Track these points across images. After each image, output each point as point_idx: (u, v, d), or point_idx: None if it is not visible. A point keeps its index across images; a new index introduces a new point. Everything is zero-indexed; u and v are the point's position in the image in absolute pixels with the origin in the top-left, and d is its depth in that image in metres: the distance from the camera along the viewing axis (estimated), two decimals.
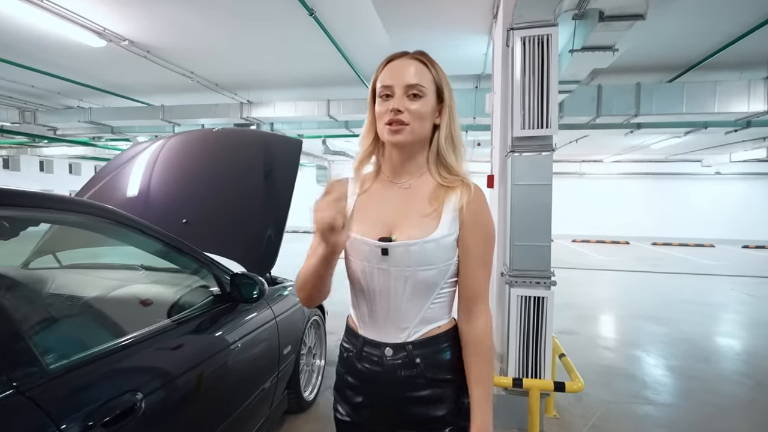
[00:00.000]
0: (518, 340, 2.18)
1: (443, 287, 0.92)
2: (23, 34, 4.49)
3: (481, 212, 0.91)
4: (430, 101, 0.91)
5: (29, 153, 12.26)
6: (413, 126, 0.89)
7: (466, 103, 5.60)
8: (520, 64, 2.16)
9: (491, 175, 2.95)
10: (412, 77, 0.89)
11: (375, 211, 0.96)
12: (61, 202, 1.36)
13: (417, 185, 0.95)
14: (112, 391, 1.09)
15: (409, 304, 0.92)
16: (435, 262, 0.89)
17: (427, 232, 0.88)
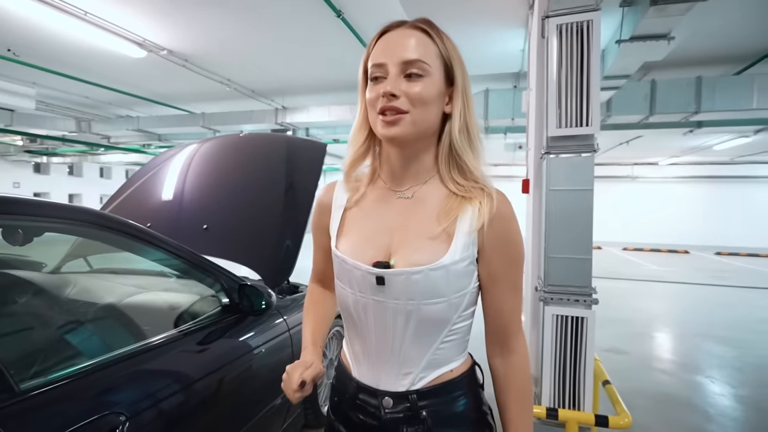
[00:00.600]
0: (553, 364, 1.93)
1: (456, 323, 0.73)
2: (74, 49, 4.76)
3: (509, 230, 0.71)
4: (436, 82, 0.70)
5: (90, 160, 13.21)
6: (414, 114, 0.69)
7: (504, 103, 5.32)
8: (557, 55, 1.93)
9: (526, 179, 2.71)
10: (411, 51, 0.68)
11: (369, 228, 0.76)
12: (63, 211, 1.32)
13: (423, 194, 0.75)
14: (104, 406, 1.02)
15: (413, 344, 0.73)
16: (444, 293, 0.70)
17: (435, 256, 0.68)
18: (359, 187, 0.80)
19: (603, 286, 7.14)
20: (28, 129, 7.83)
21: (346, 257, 0.75)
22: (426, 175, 0.76)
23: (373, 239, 0.74)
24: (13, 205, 1.17)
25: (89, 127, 7.98)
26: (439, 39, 0.72)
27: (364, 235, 0.76)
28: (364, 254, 0.74)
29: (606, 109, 4.88)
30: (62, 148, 11.27)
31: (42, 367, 1.08)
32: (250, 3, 3.68)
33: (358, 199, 0.80)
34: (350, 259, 0.75)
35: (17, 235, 1.64)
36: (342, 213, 0.81)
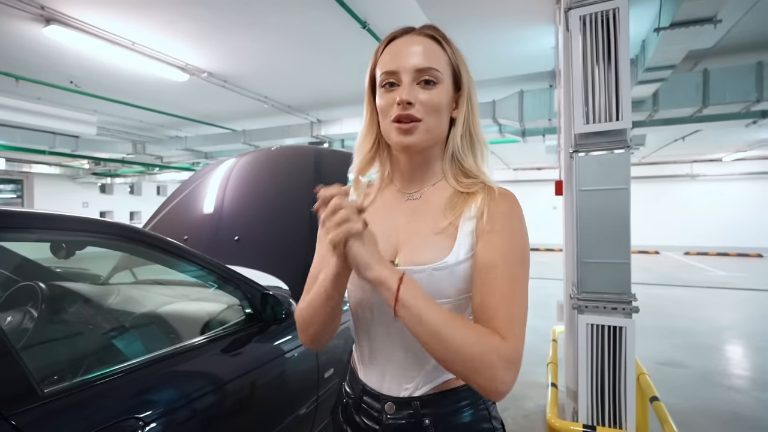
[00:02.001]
0: (589, 378, 1.79)
1: None
2: (126, 77, 5.16)
3: (508, 220, 0.69)
4: (447, 89, 0.72)
5: (147, 179, 14.22)
6: (428, 122, 0.70)
7: (540, 104, 5.12)
8: (581, 48, 1.82)
9: (559, 180, 2.57)
10: (424, 59, 0.70)
11: (378, 229, 0.74)
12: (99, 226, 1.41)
13: (430, 194, 0.76)
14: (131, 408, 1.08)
15: (417, 347, 0.69)
16: (449, 294, 0.68)
17: (439, 255, 0.68)
18: (370, 193, 0.82)
19: (661, 294, 6.64)
20: (92, 153, 8.57)
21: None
22: (434, 178, 0.78)
23: (380, 239, 0.73)
24: (59, 221, 1.28)
25: (144, 148, 8.59)
26: (447, 45, 0.73)
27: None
28: None
29: (652, 103, 4.56)
30: (122, 170, 12.22)
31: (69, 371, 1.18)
32: (281, 24, 3.82)
33: (370, 204, 0.81)
34: None
35: (62, 249, 1.78)
36: None
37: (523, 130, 6.18)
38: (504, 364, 0.60)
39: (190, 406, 1.24)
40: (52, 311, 1.68)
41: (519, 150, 9.55)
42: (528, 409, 2.86)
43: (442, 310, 0.62)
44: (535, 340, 4.30)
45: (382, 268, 0.62)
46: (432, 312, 0.60)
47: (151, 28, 3.90)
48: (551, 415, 1.70)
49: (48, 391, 0.98)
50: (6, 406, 0.89)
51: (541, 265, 10.58)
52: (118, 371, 1.16)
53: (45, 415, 0.95)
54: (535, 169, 15.14)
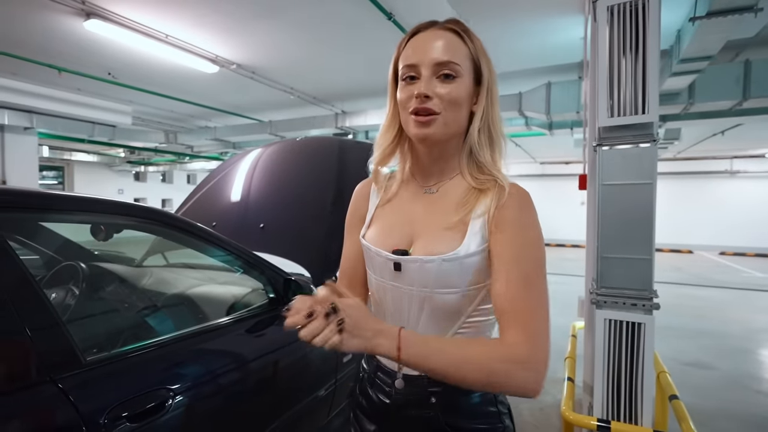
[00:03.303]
0: (606, 373, 1.78)
1: (472, 315, 0.74)
2: (160, 69, 5.35)
3: (520, 215, 0.70)
4: (466, 83, 0.72)
5: (178, 168, 14.70)
6: (446, 116, 0.71)
7: (568, 96, 4.99)
8: (608, 39, 1.79)
9: (583, 174, 2.53)
10: (443, 53, 0.70)
11: (395, 219, 0.80)
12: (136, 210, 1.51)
13: (447, 189, 0.78)
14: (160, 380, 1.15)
15: (427, 329, 0.75)
16: (457, 284, 0.71)
17: (449, 247, 0.71)
18: (392, 185, 0.85)
19: (692, 294, 6.42)
20: (127, 142, 8.93)
21: (369, 244, 0.80)
22: (452, 172, 0.79)
23: (396, 229, 0.79)
24: (99, 205, 1.38)
25: (176, 138, 8.89)
26: (469, 39, 0.73)
27: (389, 225, 0.81)
28: (386, 242, 0.78)
29: (688, 95, 4.37)
30: (155, 158, 12.68)
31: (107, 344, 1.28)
32: (308, 16, 3.87)
33: (390, 197, 0.84)
34: (373, 246, 0.80)
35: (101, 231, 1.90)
36: (375, 209, 0.85)
37: (550, 122, 6.04)
38: (522, 367, 0.61)
39: (215, 381, 1.32)
40: (91, 289, 1.81)
41: (546, 143, 9.33)
42: (545, 403, 2.86)
43: (445, 351, 0.63)
44: (556, 336, 4.23)
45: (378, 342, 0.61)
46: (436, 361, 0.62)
47: (183, 22, 4.02)
48: (566, 408, 1.70)
49: (89, 360, 1.07)
50: (54, 371, 0.98)
51: (567, 262, 10.37)
52: (150, 345, 1.25)
53: (86, 381, 1.04)
54: (563, 163, 14.76)
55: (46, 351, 0.99)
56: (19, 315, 0.98)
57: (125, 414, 1.03)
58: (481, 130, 0.75)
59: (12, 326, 0.96)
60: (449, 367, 0.62)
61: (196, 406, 1.21)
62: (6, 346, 0.95)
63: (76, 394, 0.98)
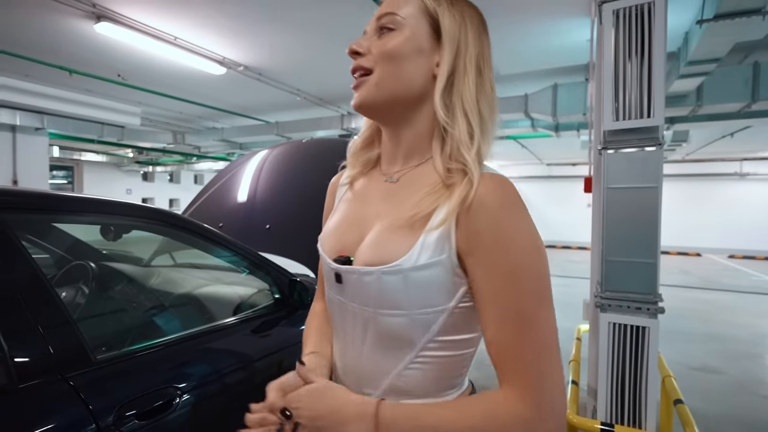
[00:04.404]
0: (609, 377, 1.78)
1: (427, 348, 0.56)
2: (169, 71, 5.40)
3: (499, 227, 0.51)
4: (410, 36, 0.58)
5: (186, 168, 14.82)
6: (380, 73, 0.58)
7: (574, 98, 4.98)
8: (613, 42, 1.79)
9: (589, 177, 2.53)
10: (383, 6, 0.61)
11: (347, 216, 0.66)
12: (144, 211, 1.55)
13: (409, 179, 0.61)
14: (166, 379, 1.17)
15: (372, 359, 0.60)
16: (402, 305, 0.54)
17: (393, 255, 0.54)
18: (362, 171, 0.70)
19: (699, 298, 6.37)
20: (136, 143, 9.03)
21: (319, 247, 0.67)
22: (421, 156, 0.62)
23: (344, 229, 0.65)
24: (107, 206, 1.42)
25: (183, 139, 8.97)
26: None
27: (338, 224, 0.67)
28: (332, 245, 0.64)
29: (696, 98, 4.34)
30: (163, 159, 12.80)
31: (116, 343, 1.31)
32: (313, 19, 3.90)
33: (353, 184, 0.70)
34: (321, 249, 0.67)
35: (110, 231, 1.94)
36: (338, 203, 0.72)
37: (556, 124, 6.03)
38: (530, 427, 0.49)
39: (221, 380, 1.34)
40: (101, 289, 1.85)
41: (552, 145, 9.30)
42: None
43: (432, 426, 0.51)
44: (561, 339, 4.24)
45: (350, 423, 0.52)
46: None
47: (192, 24, 4.07)
48: (570, 412, 1.71)
49: (99, 358, 1.10)
50: (65, 369, 1.01)
51: (573, 264, 10.32)
52: (158, 344, 1.28)
53: (97, 379, 1.06)
54: (569, 164, 14.69)
55: (57, 349, 1.02)
56: (32, 313, 1.00)
57: (134, 412, 1.05)
58: (448, 98, 0.58)
59: (25, 324, 0.99)
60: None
61: (202, 404, 1.23)
62: (20, 344, 0.98)
63: (87, 392, 1.00)
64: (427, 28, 0.59)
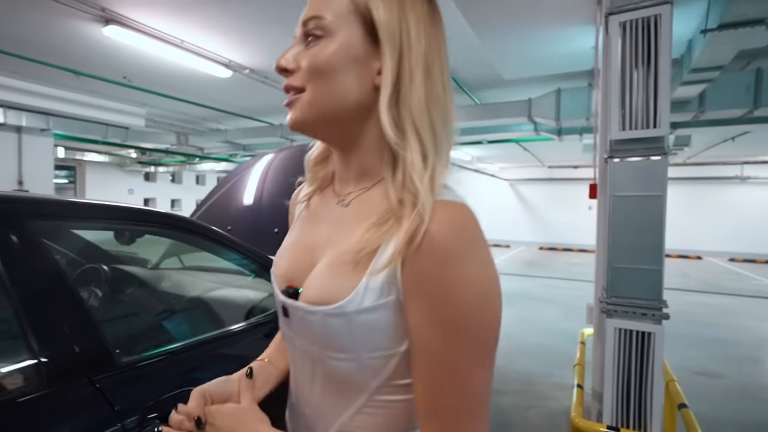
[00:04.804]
0: (615, 381, 1.82)
1: (380, 392, 0.51)
2: (175, 73, 5.44)
3: (441, 270, 0.44)
4: (342, 42, 0.49)
5: (188, 169, 14.87)
6: (312, 92, 0.50)
7: (578, 103, 5.02)
8: (620, 54, 1.82)
9: (593, 183, 2.56)
10: (308, 8, 0.52)
11: (301, 239, 0.61)
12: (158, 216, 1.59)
13: (361, 203, 0.55)
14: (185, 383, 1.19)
15: (322, 402, 0.55)
16: (349, 348, 0.49)
17: (336, 295, 0.48)
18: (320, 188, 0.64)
19: (700, 302, 6.40)
20: (139, 143, 9.07)
21: (272, 271, 0.62)
22: (371, 178, 0.54)
23: (295, 255, 0.59)
24: (122, 212, 1.46)
25: (186, 140, 9.02)
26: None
27: (291, 246, 0.62)
28: (282, 273, 0.59)
29: (698, 104, 4.38)
30: (166, 159, 12.83)
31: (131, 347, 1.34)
32: None
33: (309, 202, 0.65)
34: (272, 274, 0.62)
35: (125, 236, 1.97)
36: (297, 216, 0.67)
37: (559, 128, 6.06)
38: None
39: None
40: (113, 291, 1.88)
41: (554, 147, 9.34)
42: (553, 409, 2.89)
43: None
44: (563, 342, 4.28)
45: None
46: None
47: (199, 27, 4.11)
48: (575, 415, 1.74)
49: (123, 362, 1.13)
50: (92, 372, 1.04)
51: (574, 266, 10.36)
52: (175, 349, 1.31)
53: (121, 382, 1.10)
54: (571, 167, 14.74)
55: (83, 352, 1.06)
56: (61, 316, 1.04)
57: (156, 414, 1.08)
58: (395, 112, 0.49)
59: (56, 327, 1.02)
60: None
61: None
62: (50, 346, 1.01)
63: (112, 395, 1.04)
64: (360, 30, 0.50)
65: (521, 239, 15.99)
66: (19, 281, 1.02)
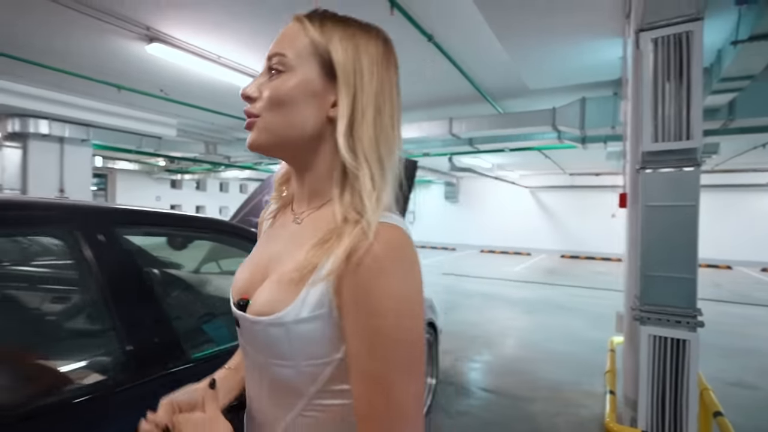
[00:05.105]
0: (650, 387, 1.85)
1: (318, 397, 0.57)
2: (208, 86, 5.69)
3: (369, 286, 0.49)
4: (300, 77, 0.56)
5: (212, 177, 15.29)
6: (266, 118, 0.57)
7: (603, 112, 5.03)
8: (652, 69, 1.88)
9: (623, 193, 2.60)
10: (272, 46, 0.59)
11: (258, 255, 0.66)
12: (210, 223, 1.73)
13: (312, 220, 0.60)
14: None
15: (268, 403, 0.61)
16: (288, 356, 0.55)
17: (277, 307, 0.54)
18: (283, 206, 0.70)
19: (732, 312, 6.25)
20: (170, 152, 9.42)
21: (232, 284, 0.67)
22: (321, 198, 0.61)
23: (251, 270, 0.65)
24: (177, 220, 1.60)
25: (215, 149, 9.33)
26: (316, 27, 0.57)
27: (249, 262, 0.67)
28: (238, 286, 0.65)
29: (728, 112, 4.35)
30: (192, 167, 13.25)
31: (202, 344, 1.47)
32: None
33: (271, 221, 0.71)
34: (231, 287, 0.67)
35: (178, 241, 2.12)
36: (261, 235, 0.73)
37: (583, 137, 6.06)
38: None
39: None
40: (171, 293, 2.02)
41: (576, 155, 9.28)
42: (583, 417, 2.90)
43: None
44: (590, 351, 4.27)
45: None
46: None
47: (235, 42, 4.31)
48: (609, 420, 1.78)
49: (193, 357, 1.25)
50: (170, 364, 1.16)
51: (598, 275, 10.20)
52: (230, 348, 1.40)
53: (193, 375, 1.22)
54: (593, 174, 14.55)
55: (163, 346, 1.18)
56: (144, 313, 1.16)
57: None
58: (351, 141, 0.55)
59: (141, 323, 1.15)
60: None
61: None
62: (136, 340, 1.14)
63: None
64: (318, 68, 0.57)
65: (542, 247, 15.81)
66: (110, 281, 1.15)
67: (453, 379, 3.54)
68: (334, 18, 0.58)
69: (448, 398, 3.15)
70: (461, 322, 5.11)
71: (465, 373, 3.72)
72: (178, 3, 3.50)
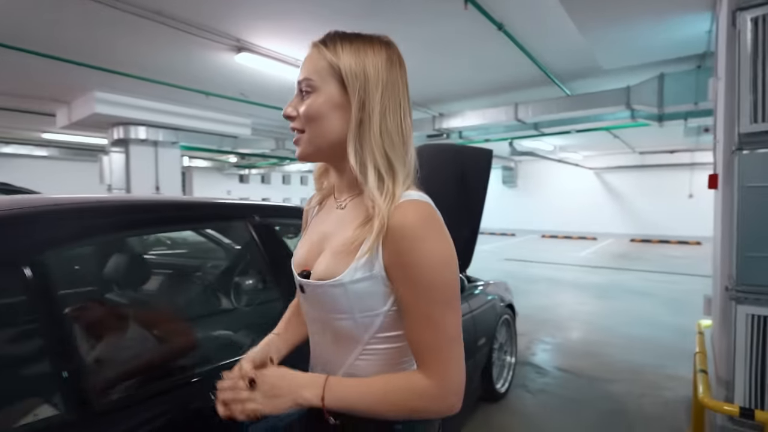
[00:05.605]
0: (748, 365, 1.89)
1: (370, 343, 0.72)
2: (283, 87, 6.08)
3: (411, 249, 0.64)
4: (326, 95, 0.69)
5: (276, 170, 16.17)
6: (309, 132, 0.71)
7: (684, 87, 4.77)
8: (751, 48, 1.87)
9: (714, 174, 2.56)
10: (302, 70, 0.72)
11: (311, 236, 0.81)
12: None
13: (354, 205, 0.75)
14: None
15: (332, 352, 0.76)
16: (347, 310, 0.70)
17: (336, 272, 0.68)
18: (326, 196, 0.85)
19: None
20: (244, 150, 10.15)
21: (292, 260, 0.82)
22: (355, 188, 0.74)
23: (308, 248, 0.79)
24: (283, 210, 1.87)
25: (284, 144, 9.92)
26: (330, 50, 0.69)
27: (304, 243, 0.81)
28: (298, 261, 0.79)
29: None
30: (260, 162, 14.12)
31: None
32: (413, 32, 4.20)
33: (319, 209, 0.86)
34: (292, 262, 0.81)
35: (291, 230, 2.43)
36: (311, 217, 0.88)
37: (661, 114, 5.77)
38: (436, 402, 0.66)
39: None
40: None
41: (648, 133, 8.76)
42: (668, 398, 2.93)
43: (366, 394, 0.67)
44: (670, 335, 4.19)
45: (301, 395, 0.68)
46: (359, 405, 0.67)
47: None
48: (704, 395, 1.84)
49: None
50: None
51: (674, 260, 9.65)
52: None
53: None
54: (667, 152, 13.55)
55: None
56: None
57: None
58: (359, 146, 0.68)
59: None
60: (372, 408, 0.67)
61: None
62: None
63: None
64: (337, 84, 0.69)
65: (609, 231, 15.08)
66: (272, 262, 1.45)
67: (528, 359, 3.66)
68: (342, 37, 0.71)
69: (526, 377, 3.30)
70: (529, 306, 5.12)
71: (539, 354, 3.83)
72: (265, 15, 3.83)
